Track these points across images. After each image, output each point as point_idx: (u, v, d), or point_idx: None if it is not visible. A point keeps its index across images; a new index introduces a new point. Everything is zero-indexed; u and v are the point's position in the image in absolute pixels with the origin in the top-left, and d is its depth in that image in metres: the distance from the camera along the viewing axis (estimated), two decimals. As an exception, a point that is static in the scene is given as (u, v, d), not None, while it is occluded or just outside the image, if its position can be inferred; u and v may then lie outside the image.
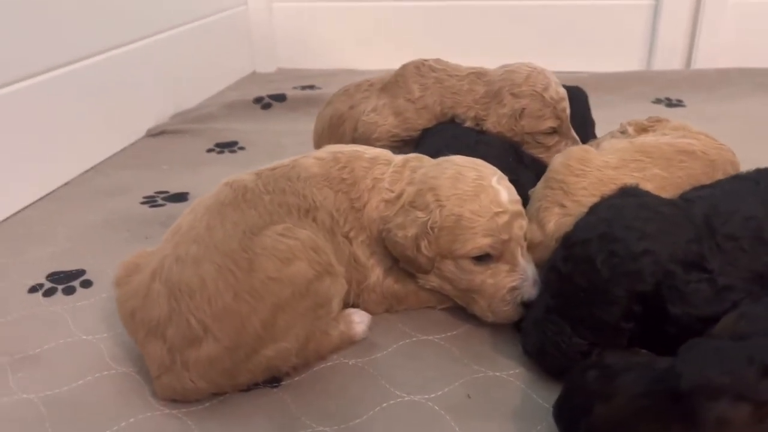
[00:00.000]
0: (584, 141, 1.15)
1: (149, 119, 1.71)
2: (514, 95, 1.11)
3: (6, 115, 1.21)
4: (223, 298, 0.71)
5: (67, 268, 1.04)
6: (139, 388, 0.78)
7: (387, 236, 0.85)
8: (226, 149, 1.57)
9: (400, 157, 0.91)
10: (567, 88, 1.16)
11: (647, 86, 1.91)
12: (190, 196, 1.30)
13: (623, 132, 1.13)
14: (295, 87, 2.07)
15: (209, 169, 1.43)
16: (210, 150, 1.57)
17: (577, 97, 1.25)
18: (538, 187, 0.94)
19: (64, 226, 1.19)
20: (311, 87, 2.07)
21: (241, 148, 1.57)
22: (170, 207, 1.25)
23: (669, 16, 2.05)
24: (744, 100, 1.77)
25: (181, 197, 1.30)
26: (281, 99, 1.87)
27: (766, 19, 2.02)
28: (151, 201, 1.29)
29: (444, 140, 1.08)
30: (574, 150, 0.94)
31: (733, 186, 0.81)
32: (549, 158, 1.04)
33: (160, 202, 1.28)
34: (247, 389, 0.77)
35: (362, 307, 0.89)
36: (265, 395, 0.77)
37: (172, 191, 1.33)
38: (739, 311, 0.61)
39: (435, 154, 0.92)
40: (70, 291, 0.98)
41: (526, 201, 0.94)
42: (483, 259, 0.82)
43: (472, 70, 1.17)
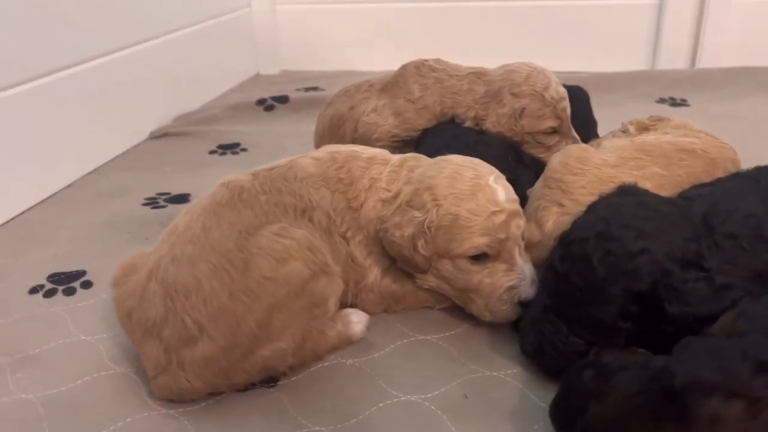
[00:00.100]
0: (586, 141, 1.14)
1: (152, 121, 1.71)
2: (514, 95, 1.10)
3: (10, 118, 1.22)
4: (219, 298, 0.71)
5: (67, 269, 1.04)
6: (137, 389, 0.78)
7: (384, 236, 0.84)
8: (229, 151, 1.57)
9: (397, 157, 0.91)
10: (568, 87, 1.15)
11: (651, 86, 1.90)
12: (191, 198, 1.30)
13: (624, 131, 1.12)
14: (298, 89, 2.07)
15: (211, 171, 1.43)
16: (212, 152, 1.57)
17: (578, 96, 1.24)
18: (537, 187, 0.94)
19: (66, 228, 1.19)
20: (314, 89, 2.07)
21: (244, 150, 1.57)
22: (171, 208, 1.25)
23: (673, 16, 2.04)
24: (748, 100, 1.76)
25: (182, 198, 1.30)
26: (284, 101, 1.88)
27: (771, 18, 2.01)
28: (152, 202, 1.29)
29: (444, 140, 1.07)
30: (573, 149, 0.93)
31: (732, 184, 0.81)
32: (549, 158, 1.03)
33: (162, 203, 1.29)
34: (243, 389, 0.77)
35: (360, 307, 0.88)
36: (262, 395, 0.77)
37: (174, 193, 1.33)
38: (737, 310, 0.60)
39: (435, 154, 0.92)
40: (70, 292, 0.98)
41: (525, 201, 0.93)
42: (480, 258, 0.82)
43: (472, 70, 1.17)
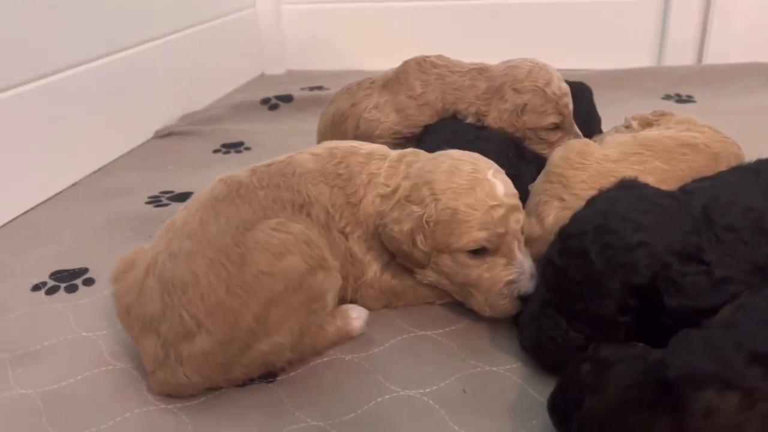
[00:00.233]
0: (589, 137, 1.13)
1: (157, 121, 1.72)
2: (516, 91, 1.10)
3: (16, 117, 1.23)
4: (216, 293, 0.71)
5: (70, 267, 1.05)
6: (136, 384, 0.78)
7: (383, 231, 0.84)
8: (232, 149, 1.57)
9: (396, 152, 0.90)
10: (570, 83, 1.14)
11: (658, 82, 1.89)
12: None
13: (628, 126, 1.11)
14: (303, 88, 2.07)
15: (215, 170, 1.41)
16: (216, 150, 1.57)
17: (581, 92, 1.24)
18: (538, 181, 0.93)
19: (70, 226, 1.20)
20: (319, 88, 2.07)
21: (247, 149, 1.58)
22: (174, 206, 1.26)
23: (679, 12, 2.02)
24: (755, 95, 1.74)
25: (185, 197, 1.30)
26: (288, 100, 1.88)
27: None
28: (155, 201, 1.29)
29: (445, 136, 1.07)
30: (574, 143, 0.93)
31: (733, 177, 0.80)
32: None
33: (165, 201, 1.29)
34: (242, 384, 0.77)
35: (360, 303, 0.88)
36: (261, 390, 0.77)
37: (177, 191, 1.34)
38: (737, 302, 0.60)
39: (436, 151, 0.91)
40: (72, 289, 0.99)
41: (526, 197, 0.93)
42: (479, 252, 0.81)
43: (474, 66, 1.16)
